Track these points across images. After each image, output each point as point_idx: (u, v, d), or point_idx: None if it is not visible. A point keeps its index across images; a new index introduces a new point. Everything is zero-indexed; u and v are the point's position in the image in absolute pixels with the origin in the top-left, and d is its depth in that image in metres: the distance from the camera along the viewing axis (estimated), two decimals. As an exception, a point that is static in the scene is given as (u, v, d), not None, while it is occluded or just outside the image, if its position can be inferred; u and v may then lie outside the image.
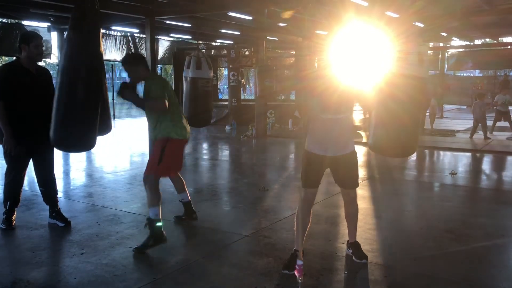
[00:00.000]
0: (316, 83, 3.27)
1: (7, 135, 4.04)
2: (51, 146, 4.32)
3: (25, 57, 4.13)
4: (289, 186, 6.47)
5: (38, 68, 4.30)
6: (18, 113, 4.07)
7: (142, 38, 13.84)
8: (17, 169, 4.27)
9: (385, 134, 3.44)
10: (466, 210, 5.24)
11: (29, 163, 4.35)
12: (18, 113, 4.07)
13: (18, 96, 4.06)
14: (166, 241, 3.85)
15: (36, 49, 4.12)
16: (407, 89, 3.26)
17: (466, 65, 18.05)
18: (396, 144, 3.47)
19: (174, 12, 8.50)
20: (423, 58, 3.34)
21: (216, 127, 14.13)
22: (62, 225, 4.42)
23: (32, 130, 4.16)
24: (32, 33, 4.34)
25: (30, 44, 4.09)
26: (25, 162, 4.30)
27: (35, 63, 4.23)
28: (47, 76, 4.36)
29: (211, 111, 7.73)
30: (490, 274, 3.45)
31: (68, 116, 3.73)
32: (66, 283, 3.26)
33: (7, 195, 4.33)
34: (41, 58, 4.25)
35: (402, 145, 3.50)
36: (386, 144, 3.51)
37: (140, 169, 7.42)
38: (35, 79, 4.18)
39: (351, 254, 3.61)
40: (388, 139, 3.45)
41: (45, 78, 4.32)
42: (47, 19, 10.14)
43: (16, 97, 4.05)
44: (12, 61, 4.31)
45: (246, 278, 3.29)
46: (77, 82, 3.71)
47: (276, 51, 18.31)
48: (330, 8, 9.25)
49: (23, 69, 4.12)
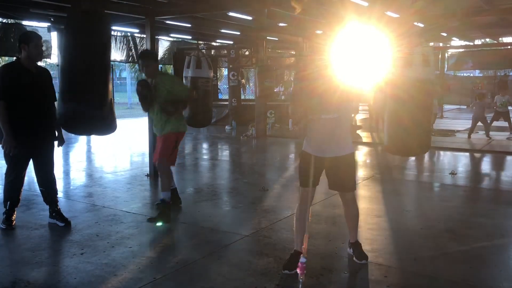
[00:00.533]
0: (315, 83, 3.26)
1: (7, 135, 4.04)
2: (51, 146, 4.39)
3: (25, 57, 4.13)
4: (289, 186, 6.47)
5: (38, 68, 4.30)
6: (18, 113, 4.07)
7: (143, 38, 13.83)
8: (18, 170, 4.27)
9: (404, 135, 3.52)
10: (466, 210, 5.24)
11: (29, 163, 4.35)
12: (19, 113, 4.07)
13: (18, 96, 4.06)
14: (170, 222, 4.46)
15: (36, 49, 4.13)
16: (418, 91, 3.34)
17: (466, 65, 18.05)
18: (416, 143, 3.59)
19: (174, 12, 8.48)
20: (428, 59, 3.38)
21: (216, 127, 14.13)
22: (62, 225, 4.42)
23: (33, 130, 4.17)
24: (32, 33, 4.36)
25: (29, 44, 4.09)
26: (25, 162, 4.30)
27: (35, 63, 4.23)
28: (47, 76, 4.36)
29: (211, 111, 7.73)
30: (490, 274, 3.46)
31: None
32: (66, 283, 3.25)
33: (7, 195, 4.33)
34: (41, 58, 4.26)
35: (420, 143, 3.63)
36: (407, 144, 3.64)
37: (140, 169, 7.43)
38: (35, 79, 4.18)
39: (352, 254, 3.61)
40: (408, 139, 3.56)
41: (45, 78, 4.32)
42: (47, 19, 10.13)
43: (16, 97, 4.06)
44: (13, 61, 4.32)
45: (246, 278, 3.29)
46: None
47: (276, 51, 18.31)
48: (330, 8, 9.24)
49: (23, 69, 4.13)
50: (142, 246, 3.98)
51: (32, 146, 4.23)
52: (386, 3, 6.54)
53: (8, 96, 4.03)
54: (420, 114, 3.45)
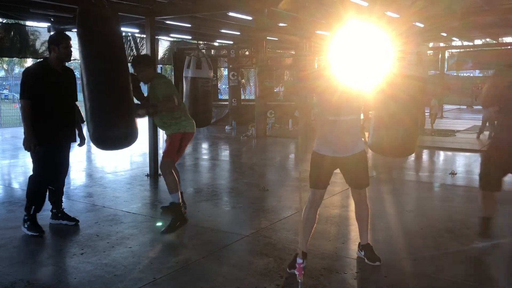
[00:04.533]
0: (324, 85, 3.25)
1: (29, 134, 4.02)
2: (69, 146, 4.43)
3: (55, 58, 4.16)
4: (289, 186, 6.47)
5: (65, 68, 4.32)
6: (44, 113, 4.08)
7: (143, 38, 13.83)
8: (45, 172, 4.21)
9: (386, 134, 3.44)
10: (466, 210, 5.23)
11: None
12: (45, 113, 4.08)
13: (45, 96, 4.08)
14: (187, 221, 4.35)
15: (66, 50, 4.16)
16: (407, 89, 3.27)
17: (466, 65, 18.05)
18: (396, 144, 3.47)
19: (174, 12, 8.48)
20: (422, 58, 3.35)
21: (216, 127, 14.13)
22: (72, 224, 4.44)
23: (57, 130, 4.18)
24: (62, 34, 4.32)
25: (60, 45, 4.12)
26: (52, 163, 4.23)
27: (63, 63, 4.27)
28: (72, 76, 4.40)
29: (211, 111, 7.73)
30: (490, 274, 3.46)
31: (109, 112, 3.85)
32: (66, 283, 3.26)
33: (32, 199, 4.22)
34: (69, 58, 4.27)
35: (402, 145, 3.50)
36: (386, 144, 3.52)
37: (140, 169, 7.43)
38: (62, 79, 4.21)
39: (363, 257, 3.57)
40: (389, 139, 3.46)
41: (70, 79, 4.35)
42: (47, 19, 10.13)
43: (43, 97, 4.07)
44: (40, 61, 4.33)
45: (246, 278, 3.29)
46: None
47: (276, 51, 18.30)
48: (330, 8, 9.25)
49: (50, 70, 4.15)
50: (142, 246, 3.98)
51: (57, 145, 4.24)
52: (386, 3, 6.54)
53: (35, 96, 4.04)
54: (405, 114, 3.33)
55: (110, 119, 3.82)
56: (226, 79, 18.33)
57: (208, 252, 3.80)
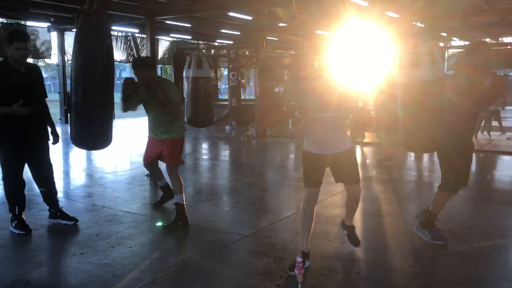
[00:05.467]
0: (315, 83, 3.29)
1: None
2: (47, 145, 4.29)
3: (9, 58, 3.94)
4: (289, 186, 6.47)
5: (28, 66, 4.10)
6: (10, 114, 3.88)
7: (143, 38, 13.85)
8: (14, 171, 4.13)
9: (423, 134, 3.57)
10: (466, 210, 5.23)
11: (24, 164, 4.21)
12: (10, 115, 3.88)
13: (8, 97, 3.86)
14: (188, 223, 4.44)
15: (17, 51, 3.85)
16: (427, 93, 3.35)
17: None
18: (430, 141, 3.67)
19: (174, 12, 8.50)
20: (435, 59, 3.38)
21: (216, 127, 14.12)
22: (71, 223, 4.42)
23: (25, 130, 4.02)
24: (16, 34, 3.99)
25: (11, 46, 3.84)
26: (21, 163, 4.17)
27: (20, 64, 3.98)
28: (37, 75, 4.19)
29: (212, 111, 7.73)
30: (490, 274, 3.45)
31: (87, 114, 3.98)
32: (66, 283, 3.26)
33: (13, 200, 4.21)
34: (24, 60, 3.98)
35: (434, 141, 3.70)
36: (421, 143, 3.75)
37: (140, 169, 7.41)
38: (25, 79, 4.00)
39: (346, 235, 3.79)
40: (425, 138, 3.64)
41: (35, 78, 4.15)
42: (47, 19, 10.15)
43: (6, 98, 3.86)
44: (1, 61, 4.14)
45: (246, 278, 3.28)
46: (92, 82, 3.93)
47: (276, 51, 18.32)
48: (330, 8, 9.25)
49: (11, 69, 3.94)
50: (142, 246, 3.98)
51: (27, 146, 4.09)
52: (386, 3, 6.54)
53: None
54: (428, 115, 3.46)
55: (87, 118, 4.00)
56: (226, 79, 18.32)
57: (208, 252, 3.80)
